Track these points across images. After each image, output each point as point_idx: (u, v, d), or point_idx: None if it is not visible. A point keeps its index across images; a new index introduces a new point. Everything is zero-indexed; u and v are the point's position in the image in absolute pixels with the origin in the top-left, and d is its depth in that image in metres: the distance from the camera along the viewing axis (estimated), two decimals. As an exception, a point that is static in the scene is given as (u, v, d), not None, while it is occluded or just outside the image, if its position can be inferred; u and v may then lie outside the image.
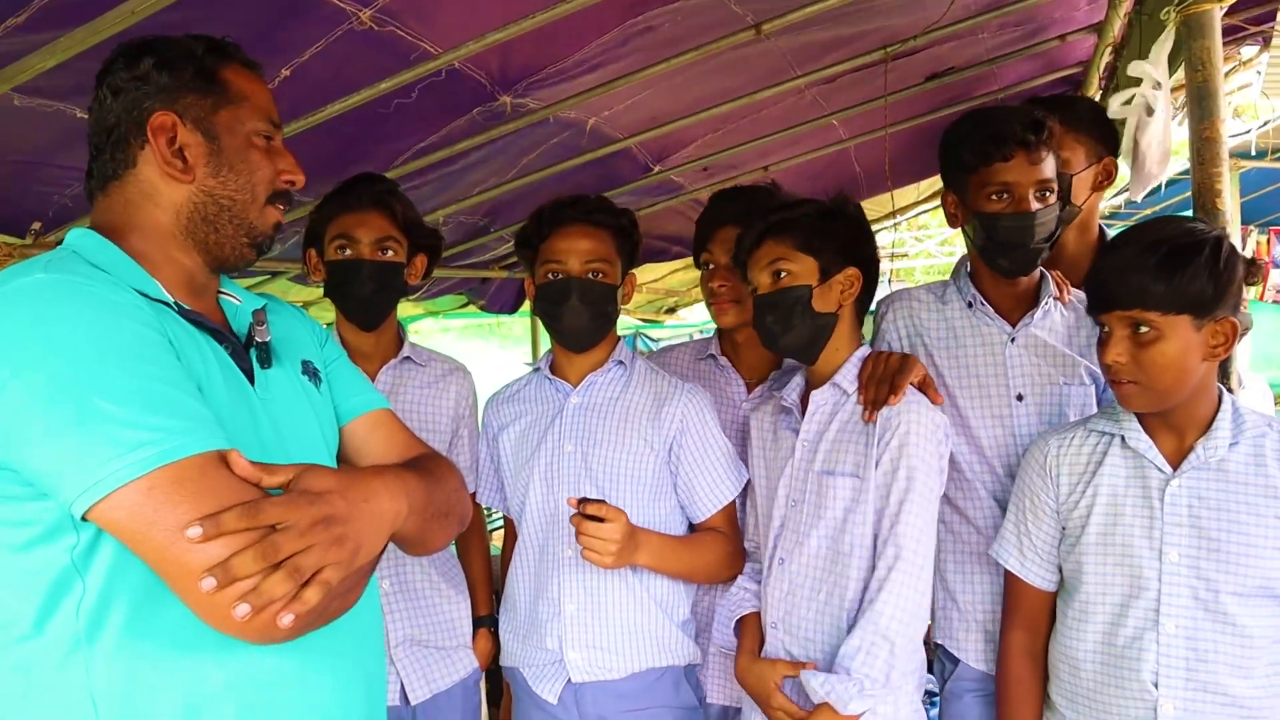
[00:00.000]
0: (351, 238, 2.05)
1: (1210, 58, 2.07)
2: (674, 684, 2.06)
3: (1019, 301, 2.02)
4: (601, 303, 2.04)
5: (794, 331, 1.88)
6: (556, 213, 2.06)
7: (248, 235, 1.31)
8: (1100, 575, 1.70)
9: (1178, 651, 1.61)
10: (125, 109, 1.22)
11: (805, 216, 1.89)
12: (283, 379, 1.35)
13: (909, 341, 2.10)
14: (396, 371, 2.16)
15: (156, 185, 1.24)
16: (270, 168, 1.32)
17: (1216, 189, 2.07)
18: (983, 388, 2.01)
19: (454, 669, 2.15)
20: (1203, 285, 1.55)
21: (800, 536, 1.89)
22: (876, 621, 1.74)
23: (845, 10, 2.64)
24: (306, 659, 1.19)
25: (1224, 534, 1.60)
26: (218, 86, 1.27)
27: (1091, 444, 1.75)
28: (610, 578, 2.01)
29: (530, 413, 2.15)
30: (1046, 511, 1.79)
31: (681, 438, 2.05)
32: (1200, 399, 1.64)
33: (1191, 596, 1.61)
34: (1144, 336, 1.59)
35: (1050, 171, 1.91)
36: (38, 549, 1.05)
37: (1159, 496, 1.65)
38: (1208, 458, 1.63)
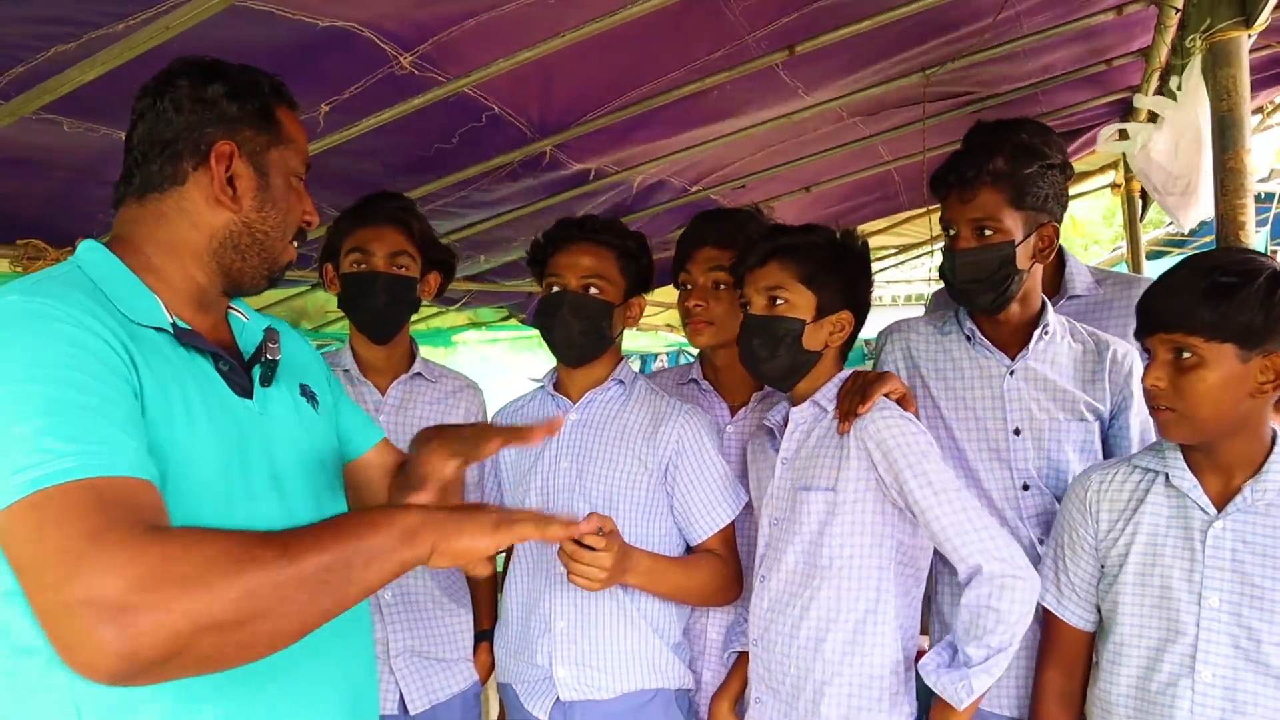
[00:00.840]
0: (367, 251, 2.10)
1: (1236, 86, 2.02)
2: (664, 708, 2.05)
3: (1017, 333, 1.98)
4: (593, 318, 2.05)
5: (777, 361, 1.89)
6: (562, 231, 2.10)
7: (269, 267, 1.37)
8: (1136, 617, 1.65)
9: (1214, 702, 1.54)
10: (187, 128, 1.26)
11: (814, 247, 1.89)
12: (281, 398, 1.39)
13: (907, 374, 2.08)
14: (407, 386, 2.20)
15: (199, 207, 1.28)
16: (300, 208, 1.38)
17: (1240, 220, 2.01)
18: (979, 421, 1.98)
19: (454, 681, 2.18)
20: (1251, 315, 1.49)
21: (778, 554, 1.89)
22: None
23: (885, 33, 2.64)
24: (291, 672, 1.22)
25: (1269, 580, 1.53)
26: (274, 126, 1.32)
27: (1135, 481, 1.70)
28: (602, 597, 2.01)
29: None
30: (1085, 548, 1.74)
31: (678, 459, 2.05)
32: (1249, 437, 1.58)
33: (1232, 645, 1.54)
34: (1185, 362, 1.54)
35: (988, 210, 1.88)
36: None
37: (1200, 538, 1.59)
38: (1255, 500, 1.56)
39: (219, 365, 1.28)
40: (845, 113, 3.44)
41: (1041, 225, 1.91)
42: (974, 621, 1.68)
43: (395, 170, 2.69)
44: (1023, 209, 1.88)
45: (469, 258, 3.85)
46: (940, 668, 1.72)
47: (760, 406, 2.25)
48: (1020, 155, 1.86)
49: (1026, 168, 1.86)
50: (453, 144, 2.61)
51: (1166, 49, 3.13)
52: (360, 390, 2.15)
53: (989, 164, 1.86)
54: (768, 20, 2.42)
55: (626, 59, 2.42)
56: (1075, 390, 1.94)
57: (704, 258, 2.18)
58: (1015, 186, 1.86)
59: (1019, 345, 1.98)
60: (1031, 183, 1.87)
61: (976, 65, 3.21)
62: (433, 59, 2.21)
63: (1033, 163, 1.87)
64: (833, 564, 1.81)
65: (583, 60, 2.35)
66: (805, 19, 2.49)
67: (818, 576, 1.82)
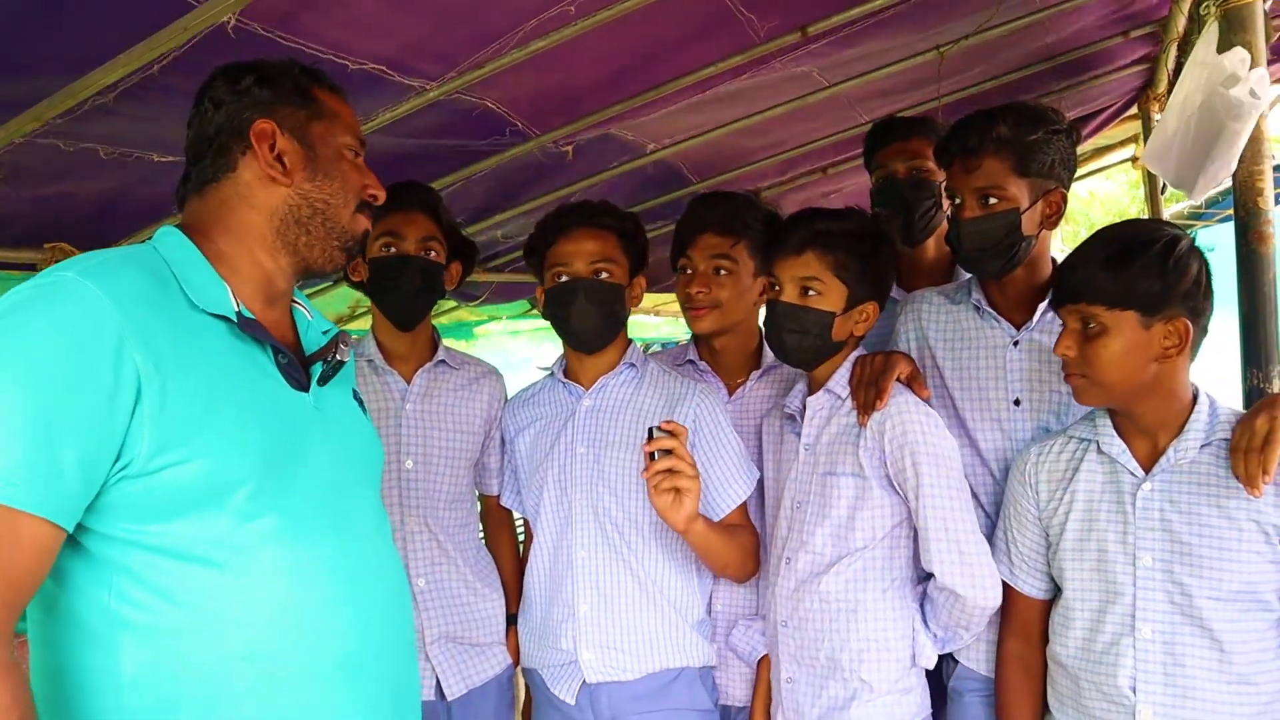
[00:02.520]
0: (399, 235, 2.11)
1: (1253, 52, 2.01)
2: (689, 686, 2.08)
3: (1024, 303, 1.99)
4: (609, 302, 2.07)
5: (806, 350, 1.92)
6: (561, 218, 2.11)
7: (339, 239, 1.41)
8: (1078, 580, 1.71)
9: (1155, 657, 1.60)
10: (227, 118, 1.32)
11: (850, 239, 1.90)
12: (336, 397, 1.43)
13: (916, 345, 2.11)
14: (431, 374, 2.22)
15: (254, 188, 1.33)
16: (359, 179, 1.42)
17: (1259, 187, 2.02)
18: (981, 390, 2.00)
19: (489, 665, 2.20)
20: (1149, 282, 1.55)
21: (805, 536, 1.92)
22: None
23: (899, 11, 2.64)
24: (342, 668, 1.27)
25: (1196, 538, 1.58)
26: (312, 101, 1.38)
27: (1070, 450, 1.76)
28: (623, 577, 2.04)
29: (544, 416, 2.20)
30: (1029, 519, 1.79)
31: (695, 437, 2.06)
32: (1165, 400, 1.63)
33: (1167, 601, 1.60)
34: (1091, 331, 1.61)
35: (993, 178, 1.88)
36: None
37: (1131, 501, 1.64)
38: (1178, 460, 1.61)
39: (278, 358, 1.31)
40: (855, 104, 3.45)
41: (1048, 191, 1.91)
42: (947, 628, 1.87)
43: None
44: (1028, 175, 1.88)
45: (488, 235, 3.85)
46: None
47: (758, 385, 2.27)
48: (1023, 122, 1.87)
49: (1030, 134, 1.86)
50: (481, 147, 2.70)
51: (1184, 19, 3.11)
52: (385, 379, 2.18)
53: (992, 131, 1.86)
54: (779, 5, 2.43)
55: (640, 48, 2.43)
56: None
57: (705, 244, 2.18)
58: (1019, 153, 1.86)
59: (1028, 314, 1.98)
60: (1036, 148, 1.86)
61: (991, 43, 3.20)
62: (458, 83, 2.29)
63: (1036, 129, 1.87)
64: (866, 543, 1.87)
65: (600, 62, 2.39)
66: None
67: (850, 555, 1.87)
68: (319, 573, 1.26)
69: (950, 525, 1.79)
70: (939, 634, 1.89)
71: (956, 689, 2.04)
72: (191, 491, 1.15)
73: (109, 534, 1.14)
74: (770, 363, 2.26)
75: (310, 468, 1.29)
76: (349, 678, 1.28)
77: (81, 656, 1.14)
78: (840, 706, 1.88)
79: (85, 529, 1.13)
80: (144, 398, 1.12)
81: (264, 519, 1.20)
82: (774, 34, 2.51)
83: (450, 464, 2.19)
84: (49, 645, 1.16)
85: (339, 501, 1.33)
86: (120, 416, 1.10)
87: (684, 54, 2.52)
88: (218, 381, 1.20)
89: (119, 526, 1.14)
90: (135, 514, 1.14)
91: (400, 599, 1.43)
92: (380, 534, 1.43)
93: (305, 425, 1.32)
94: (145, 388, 1.12)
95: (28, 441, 1.04)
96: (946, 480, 1.80)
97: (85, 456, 1.08)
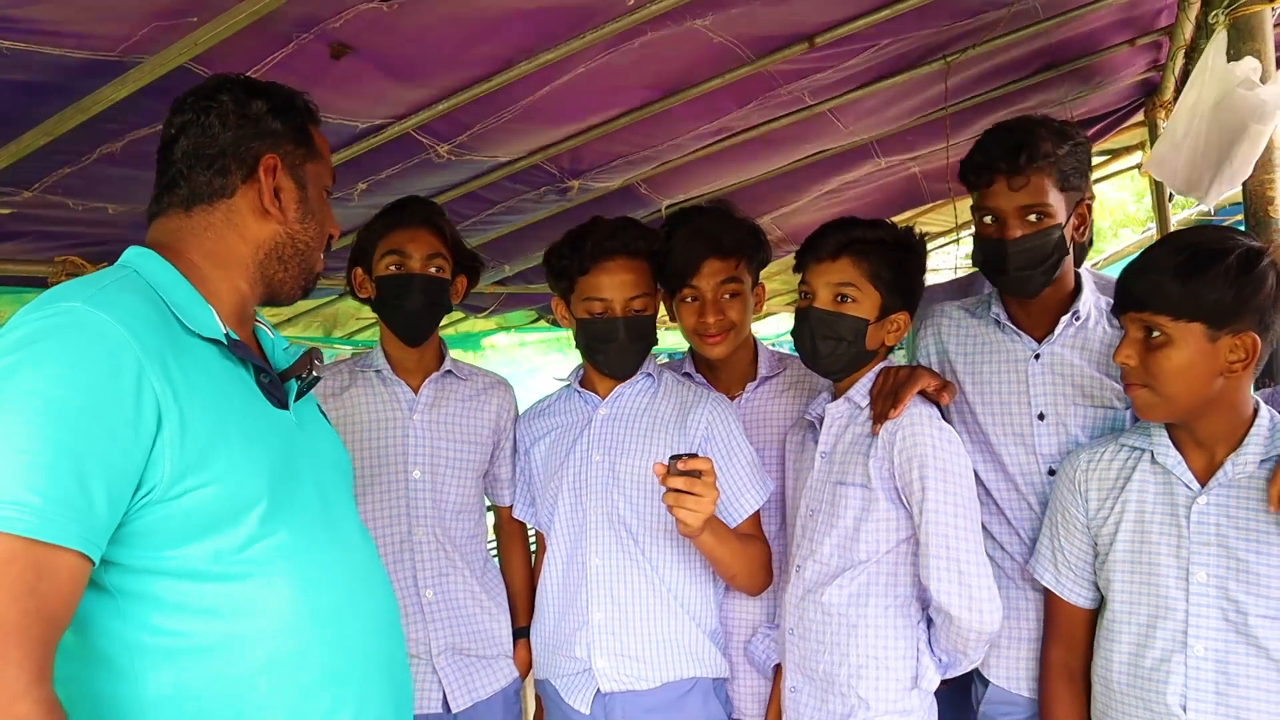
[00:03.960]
0: (404, 253, 2.11)
1: (1262, 61, 2.01)
2: (703, 697, 2.06)
3: (1050, 315, 1.96)
4: (647, 337, 2.10)
5: (840, 357, 1.91)
6: (597, 245, 2.05)
7: (305, 276, 1.43)
8: (1128, 594, 1.66)
9: (1207, 675, 1.56)
10: (233, 142, 1.32)
11: (886, 246, 1.89)
12: (310, 412, 1.45)
13: (938, 359, 2.08)
14: (439, 385, 2.22)
15: (246, 218, 1.34)
16: (331, 220, 1.45)
17: (1269, 195, 2.02)
18: (1004, 405, 1.97)
19: (495, 678, 2.19)
20: (1220, 294, 1.49)
21: (814, 545, 1.91)
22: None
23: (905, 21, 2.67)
24: (345, 678, 1.28)
25: (1253, 555, 1.54)
26: (309, 141, 1.39)
27: (1122, 459, 1.71)
28: (638, 584, 2.04)
29: (560, 425, 2.20)
30: (1077, 527, 1.75)
31: (708, 445, 2.06)
32: (1226, 414, 1.58)
33: (1221, 619, 1.55)
34: (1154, 341, 1.56)
35: (1040, 195, 1.84)
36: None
37: (1185, 514, 1.60)
38: (1235, 474, 1.57)
39: (260, 378, 1.32)
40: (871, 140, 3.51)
41: (1078, 203, 1.89)
42: (948, 652, 1.84)
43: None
44: (1066, 190, 1.86)
45: (494, 266, 3.94)
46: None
47: (754, 395, 2.26)
48: (1057, 137, 1.84)
49: (1064, 148, 1.84)
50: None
51: (1191, 26, 3.11)
52: (394, 390, 2.18)
53: (1039, 148, 1.82)
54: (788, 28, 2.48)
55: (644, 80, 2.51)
56: (1103, 377, 1.91)
57: (711, 270, 2.11)
58: (1060, 168, 1.84)
59: (1049, 327, 1.96)
60: (1070, 162, 1.85)
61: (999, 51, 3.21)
62: (469, 146, 2.36)
63: (1065, 142, 1.85)
64: (869, 557, 1.84)
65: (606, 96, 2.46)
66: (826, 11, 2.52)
67: (854, 567, 1.85)
68: (323, 584, 1.27)
69: (952, 543, 1.75)
70: (943, 657, 1.85)
71: (988, 714, 2.00)
72: (210, 514, 1.16)
73: (129, 564, 1.14)
74: (765, 372, 2.25)
75: (302, 481, 1.31)
76: (358, 681, 1.29)
77: (107, 688, 1.15)
78: None
79: (105, 563, 1.13)
80: (164, 425, 1.13)
81: (276, 535, 1.22)
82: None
83: (458, 474, 2.18)
84: (71, 680, 1.15)
85: (327, 512, 1.35)
86: (143, 445, 1.11)
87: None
88: (224, 405, 1.21)
89: (141, 554, 1.14)
90: (155, 540, 1.14)
91: (390, 604, 1.44)
92: (366, 541, 1.45)
93: (293, 441, 1.33)
94: (165, 416, 1.13)
95: (59, 475, 1.03)
96: (954, 497, 1.77)
97: (112, 487, 1.08)
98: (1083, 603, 1.78)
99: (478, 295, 4.29)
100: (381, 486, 2.12)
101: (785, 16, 2.45)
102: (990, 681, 1.98)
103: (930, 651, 1.85)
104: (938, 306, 2.14)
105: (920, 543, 1.80)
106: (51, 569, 1.03)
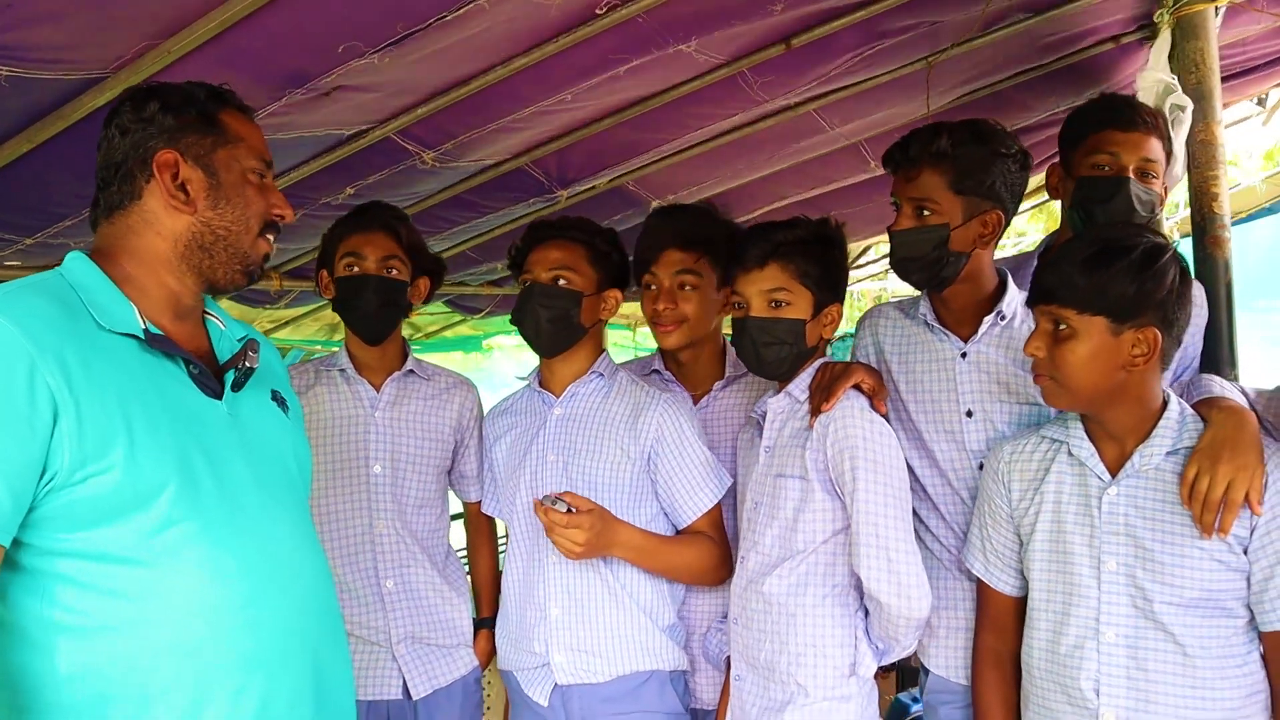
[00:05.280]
0: (359, 255, 2.19)
1: (1205, 59, 2.03)
2: (659, 689, 2.11)
3: (973, 316, 1.99)
4: (559, 306, 2.09)
5: (784, 361, 1.95)
6: (534, 230, 2.18)
7: (240, 262, 1.46)
8: (1045, 582, 1.71)
9: (1118, 660, 1.60)
10: (132, 147, 1.37)
11: (809, 245, 1.93)
12: (252, 401, 1.49)
13: (875, 358, 2.12)
14: (401, 383, 2.29)
15: (159, 215, 1.39)
16: (263, 202, 1.47)
17: (1213, 192, 2.03)
18: (935, 403, 2.00)
19: (455, 666, 2.26)
20: (1123, 288, 1.53)
21: (757, 536, 1.95)
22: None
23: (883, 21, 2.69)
24: (259, 658, 1.34)
25: (1158, 544, 1.58)
26: (216, 128, 1.42)
27: (1043, 451, 1.75)
28: (593, 582, 2.08)
29: (520, 424, 2.25)
30: (1002, 517, 1.79)
31: (659, 446, 2.10)
32: (1134, 406, 1.63)
33: (1130, 605, 1.60)
34: (1061, 333, 1.60)
35: (926, 190, 1.90)
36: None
37: (1097, 504, 1.64)
38: (1143, 466, 1.61)
39: (189, 369, 1.38)
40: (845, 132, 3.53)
41: (985, 211, 1.90)
42: (881, 639, 1.88)
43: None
44: (964, 193, 1.88)
45: (488, 267, 4.00)
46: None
47: (723, 394, 2.31)
48: (967, 140, 1.88)
49: (973, 152, 1.87)
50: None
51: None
52: (356, 388, 2.25)
53: (932, 145, 1.87)
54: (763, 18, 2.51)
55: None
56: (1027, 374, 1.90)
57: (669, 260, 2.19)
58: (957, 169, 1.87)
59: (975, 327, 1.99)
60: (977, 168, 1.87)
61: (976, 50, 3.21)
62: (452, 154, 2.43)
63: (981, 149, 1.88)
64: (806, 547, 1.88)
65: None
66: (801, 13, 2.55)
67: (792, 557, 1.89)
68: (236, 571, 1.32)
69: (881, 531, 1.79)
70: (879, 644, 1.90)
71: (930, 703, 2.05)
72: (114, 499, 1.23)
73: (41, 545, 1.22)
74: (734, 372, 2.30)
75: (226, 470, 1.36)
76: (268, 668, 1.34)
77: (20, 659, 1.22)
78: (776, 709, 1.89)
79: (19, 543, 1.21)
80: (61, 417, 1.19)
81: (184, 522, 1.28)
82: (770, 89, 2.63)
83: (418, 470, 2.25)
84: None
85: (256, 501, 1.39)
86: (40, 436, 1.18)
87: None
88: (130, 396, 1.27)
89: (50, 537, 1.22)
90: (64, 524, 1.22)
91: (321, 595, 1.48)
92: (300, 531, 1.49)
93: (220, 430, 1.38)
94: (61, 408, 1.19)
95: None
96: (884, 487, 1.81)
97: (12, 477, 1.16)
98: (1010, 591, 1.81)
99: (473, 297, 4.36)
100: (344, 481, 2.19)
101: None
102: (930, 670, 2.02)
103: (868, 639, 1.89)
104: (877, 308, 2.20)
105: (852, 531, 1.83)
106: None
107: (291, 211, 1.52)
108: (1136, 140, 2.02)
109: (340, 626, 1.55)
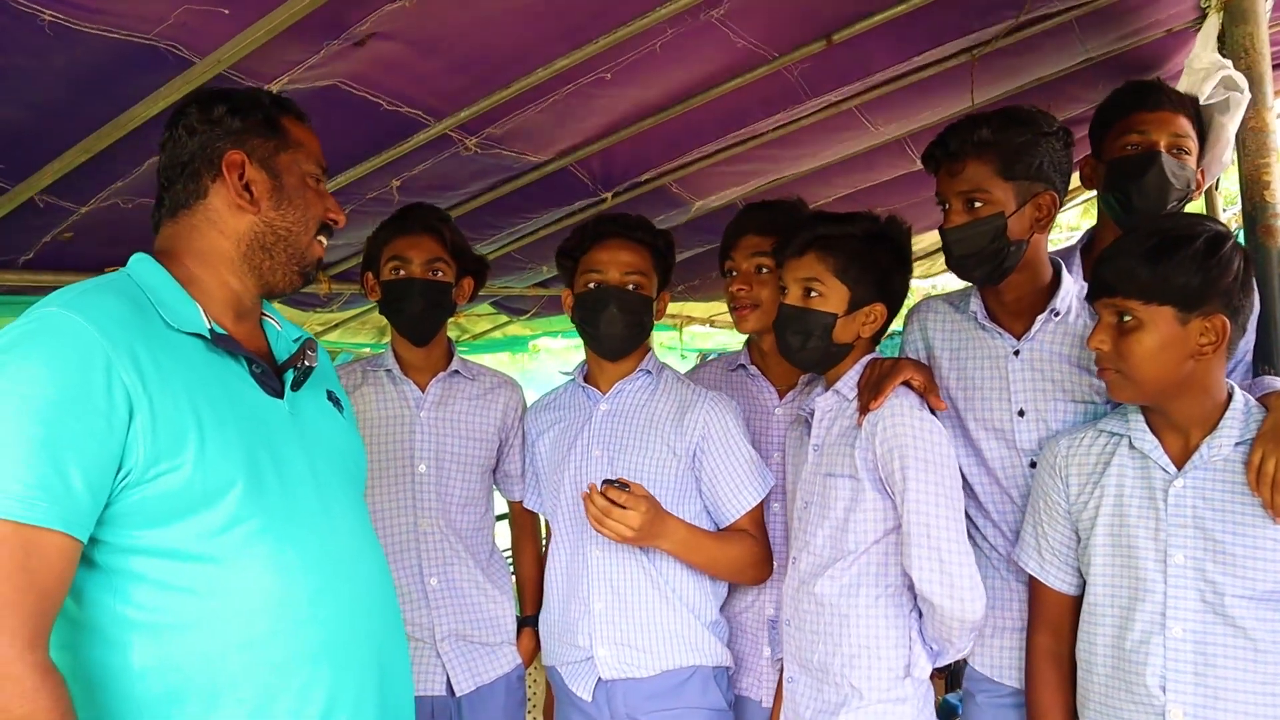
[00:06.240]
0: (404, 258, 2.23)
1: (1255, 44, 1.99)
2: (702, 685, 2.11)
3: (1028, 308, 1.94)
4: (638, 312, 2.14)
5: (809, 351, 1.95)
6: (599, 226, 2.18)
7: (298, 263, 1.51)
8: (1108, 577, 1.68)
9: (1185, 656, 1.56)
10: (200, 147, 1.42)
11: (852, 240, 1.92)
12: (311, 401, 1.53)
13: (925, 354, 2.08)
14: (446, 383, 2.32)
15: (224, 215, 1.43)
16: (320, 205, 1.52)
17: (1264, 180, 1.98)
18: (985, 401, 1.96)
19: (498, 663, 2.29)
20: (1188, 277, 1.51)
21: (808, 537, 1.94)
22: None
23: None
24: (326, 653, 1.37)
25: (1229, 536, 1.54)
26: (280, 132, 1.47)
27: (1101, 444, 1.72)
28: (637, 575, 2.09)
29: (564, 419, 2.27)
30: (1059, 513, 1.76)
31: (704, 444, 2.11)
32: (1199, 397, 1.60)
33: (1199, 599, 1.56)
34: (1126, 325, 1.58)
35: (974, 181, 1.85)
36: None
37: (1163, 498, 1.61)
38: (1211, 457, 1.58)
39: (252, 369, 1.42)
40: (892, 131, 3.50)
41: (1037, 194, 1.86)
42: (936, 640, 1.86)
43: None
44: (1014, 179, 1.84)
45: (531, 268, 4.02)
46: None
47: (808, 389, 2.28)
48: (1008, 125, 1.84)
49: (1016, 136, 1.83)
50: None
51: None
52: (402, 388, 2.29)
53: (974, 134, 1.84)
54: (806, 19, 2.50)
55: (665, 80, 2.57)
56: (1082, 373, 1.89)
57: (746, 245, 2.23)
58: (1003, 155, 1.83)
59: (1029, 321, 1.94)
60: (1023, 151, 1.83)
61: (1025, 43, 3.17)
62: (496, 139, 2.43)
63: (1023, 131, 1.84)
64: (858, 547, 1.87)
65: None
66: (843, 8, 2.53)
67: (844, 558, 1.87)
68: (301, 567, 1.36)
69: (933, 531, 1.76)
70: (933, 646, 1.87)
71: (969, 690, 2.03)
72: (185, 496, 1.26)
73: (115, 543, 1.25)
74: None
75: (289, 467, 1.39)
76: (334, 662, 1.37)
77: (96, 655, 1.26)
78: (830, 711, 1.88)
79: (94, 541, 1.25)
80: (136, 413, 1.23)
81: (251, 519, 1.31)
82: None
83: (462, 469, 2.28)
84: (65, 648, 1.27)
85: (318, 498, 1.43)
86: (117, 433, 1.21)
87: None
88: (199, 394, 1.31)
89: (124, 534, 1.25)
90: (137, 521, 1.25)
91: (381, 590, 1.52)
92: (360, 528, 1.52)
93: (282, 428, 1.42)
94: (136, 405, 1.23)
95: (39, 465, 1.14)
96: (935, 486, 1.78)
97: (90, 473, 1.19)
98: (1067, 588, 1.78)
99: (518, 298, 4.39)
100: (389, 480, 2.23)
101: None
102: (968, 663, 2.00)
103: (922, 640, 1.87)
104: (926, 301, 2.15)
105: (903, 531, 1.81)
106: (39, 548, 1.15)
107: (343, 216, 1.57)
108: (1164, 118, 2.01)
109: (399, 621, 1.58)
